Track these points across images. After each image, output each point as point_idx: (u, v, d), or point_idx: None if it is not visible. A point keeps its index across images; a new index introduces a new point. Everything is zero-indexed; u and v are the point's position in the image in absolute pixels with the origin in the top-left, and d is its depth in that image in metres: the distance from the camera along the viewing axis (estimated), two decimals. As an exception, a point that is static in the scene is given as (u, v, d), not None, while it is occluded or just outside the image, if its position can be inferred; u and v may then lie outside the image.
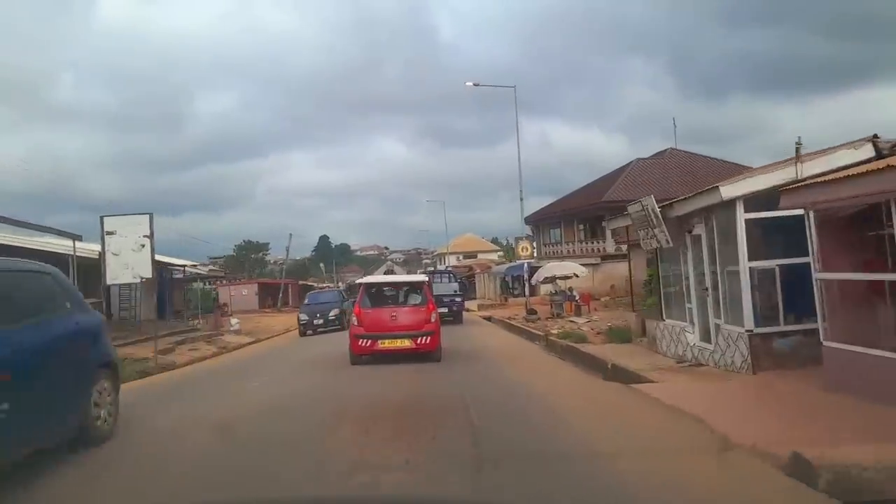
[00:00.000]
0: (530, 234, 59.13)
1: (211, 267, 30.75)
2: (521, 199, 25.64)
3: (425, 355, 12.40)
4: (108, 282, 15.95)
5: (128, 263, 15.83)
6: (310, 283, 66.24)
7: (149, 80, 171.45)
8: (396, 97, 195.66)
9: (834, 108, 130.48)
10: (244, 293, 54.33)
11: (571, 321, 21.33)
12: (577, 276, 24.32)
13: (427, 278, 15.94)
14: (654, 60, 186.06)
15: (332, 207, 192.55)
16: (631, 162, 40.34)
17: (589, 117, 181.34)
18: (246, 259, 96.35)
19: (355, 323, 12.88)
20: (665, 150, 42.44)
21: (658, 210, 10.27)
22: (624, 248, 37.06)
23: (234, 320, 27.63)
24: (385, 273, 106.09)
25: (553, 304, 23.31)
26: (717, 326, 9.34)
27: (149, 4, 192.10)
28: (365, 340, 12.58)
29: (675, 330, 10.90)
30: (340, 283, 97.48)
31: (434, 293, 17.91)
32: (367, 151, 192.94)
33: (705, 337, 9.93)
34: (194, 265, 26.76)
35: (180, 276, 33.47)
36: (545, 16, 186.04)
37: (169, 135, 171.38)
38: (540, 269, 24.19)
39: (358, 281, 16.34)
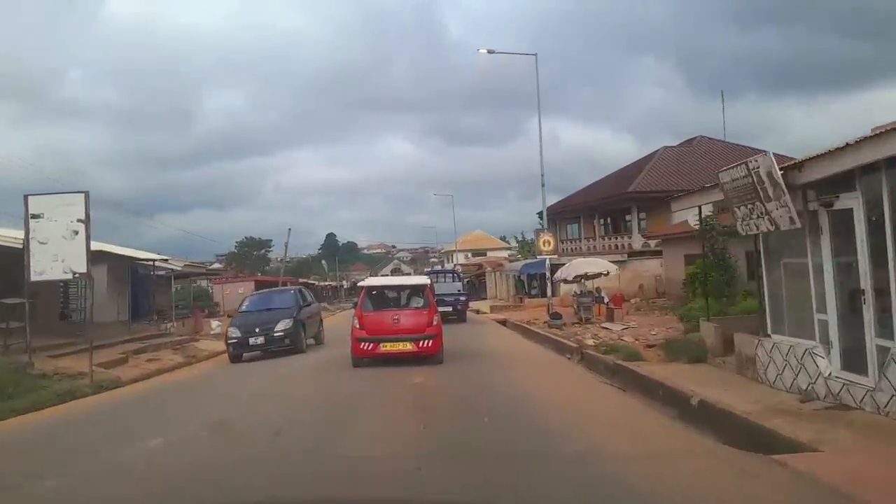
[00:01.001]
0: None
1: (187, 263, 27.38)
2: (543, 185, 22.23)
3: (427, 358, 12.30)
4: (34, 277, 12.63)
5: (58, 254, 12.56)
6: (310, 282, 63.13)
7: (156, 77, 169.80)
8: (404, 95, 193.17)
9: (845, 108, 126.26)
10: (240, 291, 51.12)
11: (605, 328, 17.96)
12: (607, 274, 20.92)
13: (429, 281, 15.46)
14: (665, 60, 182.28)
15: (339, 205, 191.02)
16: (657, 150, 36.92)
17: (598, 117, 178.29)
18: (248, 256, 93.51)
19: (357, 326, 12.71)
20: (694, 138, 39.06)
21: (779, 174, 6.86)
22: (653, 243, 33.70)
23: (215, 323, 24.44)
24: (392, 271, 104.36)
25: (581, 307, 19.92)
26: (886, 351, 5.96)
27: (156, 2, 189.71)
28: (367, 343, 12.46)
29: (793, 351, 7.49)
30: (344, 282, 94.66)
31: (438, 292, 18.11)
32: (375, 149, 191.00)
33: (854, 365, 6.54)
34: (164, 259, 23.41)
35: (163, 272, 30.42)
36: (555, 14, 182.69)
37: (176, 132, 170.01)
38: (565, 267, 20.85)
39: (359, 284, 15.80)
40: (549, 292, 21.12)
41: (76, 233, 12.55)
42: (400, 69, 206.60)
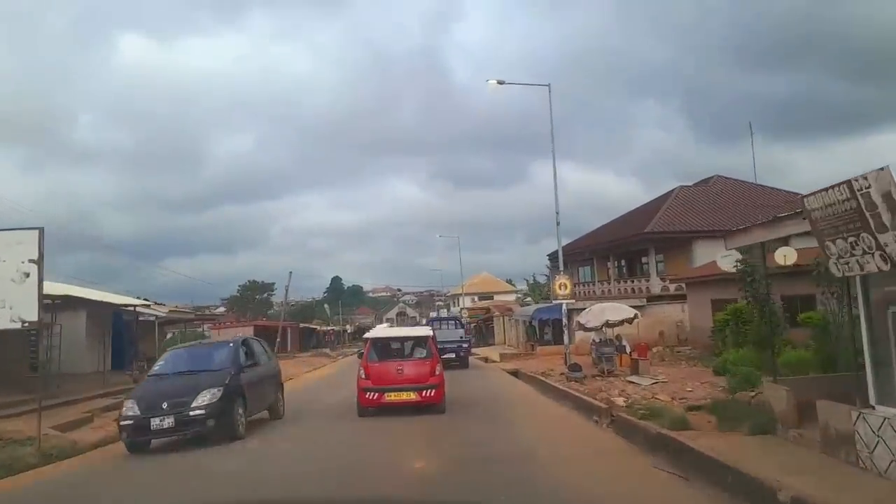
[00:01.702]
0: (548, 270, 54.21)
1: (173, 308, 25.65)
2: (558, 224, 20.57)
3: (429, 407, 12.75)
4: (-25, 326, 10.88)
5: (4, 300, 10.82)
6: (312, 326, 61.20)
7: (165, 121, 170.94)
8: (410, 138, 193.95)
9: (848, 152, 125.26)
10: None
11: (631, 382, 16.03)
12: (632, 321, 19.06)
13: (432, 332, 15.37)
14: (667, 103, 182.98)
15: (345, 249, 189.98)
16: (674, 189, 35.40)
17: (601, 160, 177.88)
18: (250, 300, 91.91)
19: (362, 376, 13.19)
20: (711, 178, 37.68)
21: (902, 194, 5.11)
22: (673, 287, 31.83)
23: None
24: (397, 315, 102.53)
25: (602, 358, 18.00)
26: None
27: (166, 48, 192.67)
28: (372, 393, 12.91)
29: (919, 433, 5.63)
30: (348, 326, 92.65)
31: (440, 339, 18.08)
32: (381, 192, 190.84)
33: None
34: (146, 304, 21.68)
35: (152, 318, 28.70)
36: (559, 58, 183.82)
37: (184, 176, 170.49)
38: (586, 312, 19.02)
39: (365, 335, 16.08)
40: (566, 340, 19.24)
41: (27, 275, 10.82)
42: (406, 113, 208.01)
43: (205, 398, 10.51)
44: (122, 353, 24.03)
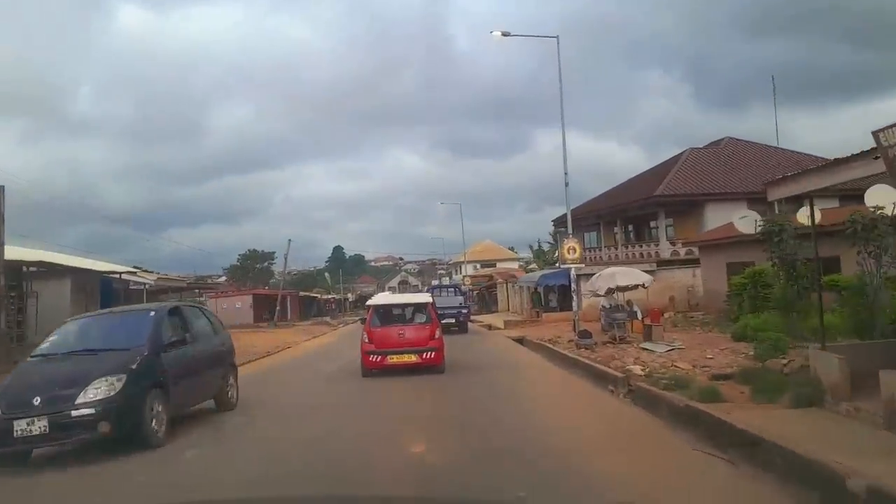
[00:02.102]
0: (551, 236, 52.67)
1: (161, 276, 24.67)
2: (566, 185, 19.39)
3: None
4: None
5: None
6: (312, 295, 60.41)
7: (165, 91, 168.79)
8: (412, 107, 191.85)
9: (851, 117, 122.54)
10: (238, 306, 48.53)
11: (645, 349, 15.06)
12: (645, 286, 18.05)
13: (431, 299, 16.09)
14: (671, 71, 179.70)
15: (346, 218, 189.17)
16: (684, 151, 34.11)
17: (605, 128, 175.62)
18: (251, 269, 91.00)
19: (366, 340, 13.77)
20: (721, 140, 36.32)
21: None
22: (683, 251, 30.78)
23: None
24: (399, 284, 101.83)
25: (615, 324, 17.02)
26: None
27: (165, 17, 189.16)
28: (375, 356, 13.50)
29: None
30: (349, 294, 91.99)
31: (440, 306, 18.68)
32: (383, 162, 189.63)
33: None
34: (132, 272, 20.66)
35: (143, 286, 27.76)
36: (563, 27, 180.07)
37: (185, 146, 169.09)
38: (596, 278, 18.00)
39: (367, 303, 16.86)
40: (575, 306, 18.26)
41: (-16, 235, 9.84)
42: (407, 81, 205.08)
43: (97, 391, 7.23)
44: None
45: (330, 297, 72.69)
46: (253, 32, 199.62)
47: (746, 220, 19.47)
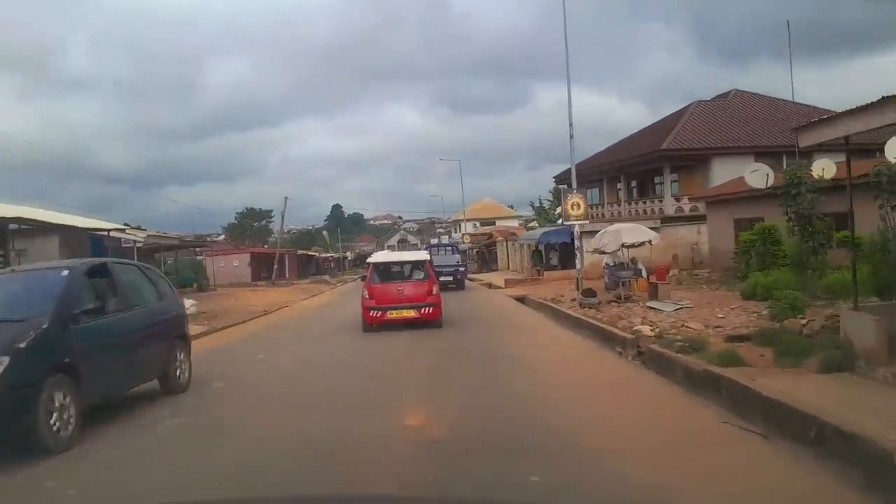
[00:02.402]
0: (552, 194, 51.70)
1: (151, 234, 24.02)
2: (571, 137, 18.56)
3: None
4: None
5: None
6: (311, 253, 59.89)
7: (159, 47, 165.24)
8: (410, 64, 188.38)
9: (860, 71, 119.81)
10: (235, 265, 48.09)
11: (651, 307, 14.54)
12: (651, 243, 17.43)
13: (429, 256, 16.73)
14: (674, 25, 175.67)
15: (345, 177, 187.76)
16: (690, 104, 33.12)
17: (606, 84, 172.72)
18: (248, 228, 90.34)
19: (366, 296, 14.15)
20: (729, 92, 35.27)
21: None
22: (688, 208, 30.06)
23: (188, 302, 21.00)
24: (398, 242, 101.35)
25: (619, 283, 16.47)
26: None
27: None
28: (375, 311, 13.92)
29: None
30: (348, 253, 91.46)
31: (438, 264, 20.02)
32: (381, 119, 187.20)
33: None
34: (121, 229, 19.98)
35: (138, 244, 27.12)
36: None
37: (181, 104, 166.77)
38: (601, 234, 17.36)
39: (368, 260, 17.19)
40: (578, 264, 17.67)
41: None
42: (406, 35, 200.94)
43: None
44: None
45: (329, 255, 72.19)
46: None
47: (758, 175, 18.76)
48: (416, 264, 15.56)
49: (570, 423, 5.98)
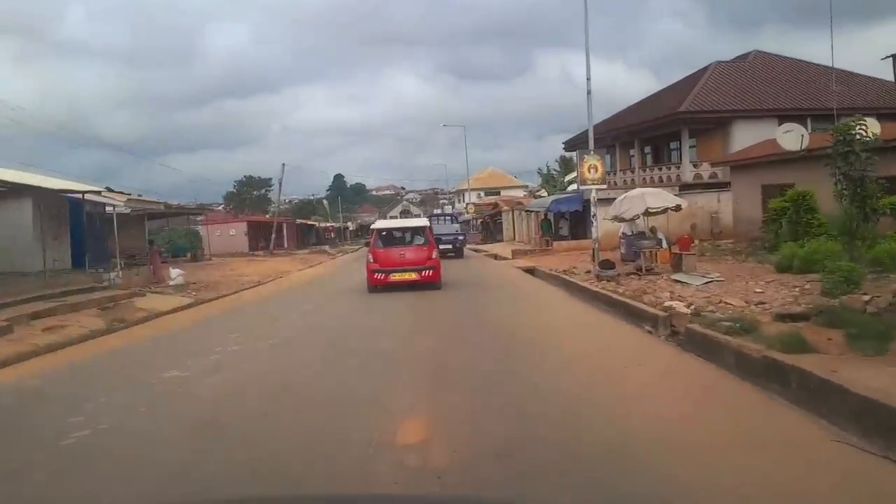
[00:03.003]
0: (558, 164, 49.54)
1: (132, 197, 22.52)
2: (589, 93, 16.87)
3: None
4: None
5: None
6: (310, 223, 58.46)
7: (158, 11, 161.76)
8: (413, 30, 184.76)
9: (870, 38, 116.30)
10: (232, 234, 46.67)
11: (677, 280, 13.12)
12: (677, 209, 15.97)
13: (428, 223, 18.07)
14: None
15: (348, 147, 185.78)
16: (709, 66, 31.26)
17: (613, 51, 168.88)
18: (248, 196, 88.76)
19: (371, 260, 15.38)
20: (749, 53, 33.40)
21: None
22: (706, 174, 28.45)
23: (174, 272, 19.79)
24: (401, 213, 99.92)
25: (640, 254, 15.04)
26: None
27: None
28: (379, 274, 15.14)
29: None
30: (349, 223, 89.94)
31: (438, 233, 21.21)
32: (384, 88, 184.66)
33: None
34: (96, 191, 18.45)
35: (128, 211, 25.69)
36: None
37: (181, 71, 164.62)
38: (620, 200, 15.86)
39: (371, 226, 17.80)
40: (594, 233, 16.19)
41: None
42: (409, 4, 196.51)
43: None
44: (86, 250, 21.26)
45: (329, 225, 70.70)
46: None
47: (791, 136, 17.20)
48: (417, 230, 16.49)
49: (623, 430, 4.56)
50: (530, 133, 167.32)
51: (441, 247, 18.93)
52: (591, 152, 16.06)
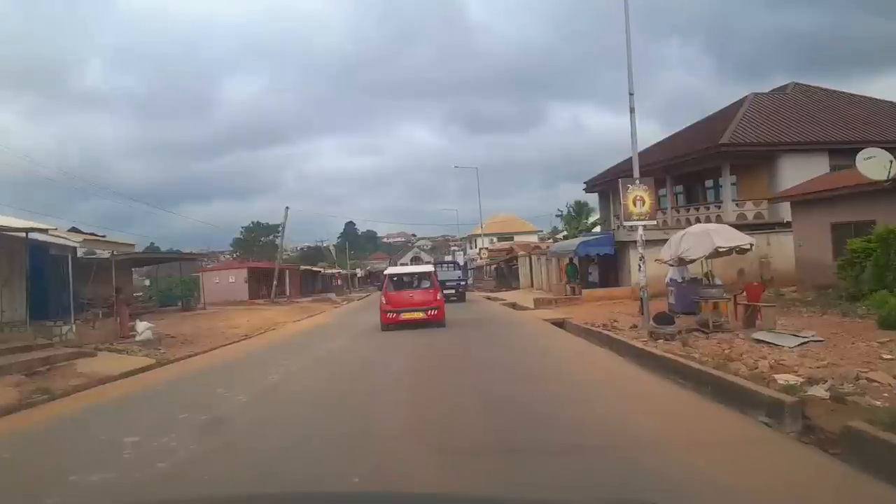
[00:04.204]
0: (565, 211, 46.20)
1: (89, 237, 19.83)
2: (632, 111, 14.04)
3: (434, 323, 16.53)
4: None
5: None
6: (315, 269, 55.80)
7: (175, 66, 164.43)
8: (425, 81, 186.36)
9: (881, 89, 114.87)
10: (231, 280, 44.03)
11: (761, 340, 10.11)
12: (750, 248, 13.09)
13: (433, 269, 20.30)
14: (692, 41, 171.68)
15: (359, 195, 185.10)
16: (746, 97, 28.73)
17: (622, 101, 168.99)
18: (255, 242, 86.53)
19: (384, 301, 17.30)
20: (787, 85, 30.89)
21: None
22: (751, 215, 25.49)
23: (142, 325, 16.93)
24: (412, 260, 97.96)
25: (701, 304, 12.07)
26: None
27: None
28: (391, 314, 16.87)
29: None
30: (358, 270, 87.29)
31: (442, 279, 23.80)
32: (395, 138, 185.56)
33: None
34: (42, 230, 15.71)
35: (94, 255, 23.12)
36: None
37: (196, 121, 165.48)
38: (679, 238, 13.01)
39: (384, 273, 20.99)
40: (642, 279, 13.18)
41: None
42: (420, 53, 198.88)
43: None
44: (50, 299, 18.54)
45: (336, 271, 67.95)
46: (266, 4, 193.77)
47: (874, 163, 14.36)
48: (424, 275, 18.60)
49: None
50: (539, 182, 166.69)
51: (445, 291, 21.09)
52: (637, 181, 13.24)
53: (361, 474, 4.90)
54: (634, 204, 13.07)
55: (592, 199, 43.55)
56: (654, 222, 15.56)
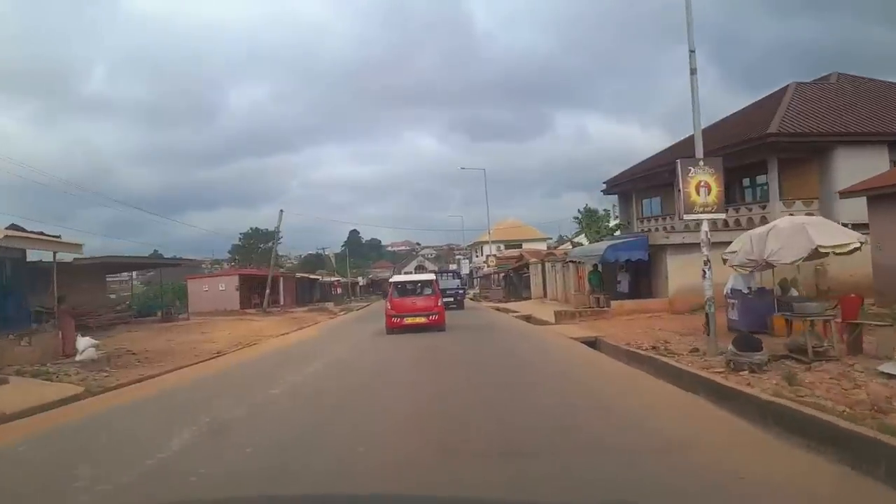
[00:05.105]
0: (582, 213, 42.75)
1: (29, 235, 17.06)
2: (693, 64, 10.93)
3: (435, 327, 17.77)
4: None
5: None
6: (312, 277, 52.89)
7: (180, 73, 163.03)
8: (430, 90, 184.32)
9: None
10: (221, 288, 41.13)
11: (887, 374, 7.13)
12: (859, 248, 10.12)
13: (435, 277, 21.76)
14: (697, 50, 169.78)
15: (363, 203, 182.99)
16: (787, 85, 25.75)
17: (627, 110, 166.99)
18: (254, 249, 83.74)
19: (389, 307, 18.52)
20: (829, 75, 27.99)
21: None
22: (801, 213, 22.32)
23: (83, 342, 13.98)
24: (416, 268, 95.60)
25: (785, 322, 9.09)
26: None
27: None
28: (396, 318, 18.08)
29: None
30: (360, 278, 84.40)
31: (442, 287, 24.75)
32: (399, 146, 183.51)
33: None
34: (33, 235, 12.88)
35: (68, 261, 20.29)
36: (583, 3, 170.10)
37: (201, 129, 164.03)
38: (763, 234, 10.13)
39: (389, 280, 23.43)
40: (708, 289, 10.10)
41: None
42: (425, 62, 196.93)
43: None
44: (11, 307, 15.92)
45: (335, 279, 64.99)
46: (268, 11, 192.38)
47: None
48: (426, 283, 19.84)
49: None
50: (543, 189, 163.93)
51: (445, 299, 22.06)
52: (701, 163, 10.26)
53: None
54: (698, 192, 10.09)
55: (605, 203, 40.65)
56: (723, 215, 12.65)
